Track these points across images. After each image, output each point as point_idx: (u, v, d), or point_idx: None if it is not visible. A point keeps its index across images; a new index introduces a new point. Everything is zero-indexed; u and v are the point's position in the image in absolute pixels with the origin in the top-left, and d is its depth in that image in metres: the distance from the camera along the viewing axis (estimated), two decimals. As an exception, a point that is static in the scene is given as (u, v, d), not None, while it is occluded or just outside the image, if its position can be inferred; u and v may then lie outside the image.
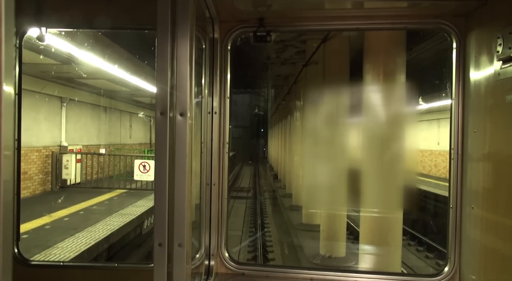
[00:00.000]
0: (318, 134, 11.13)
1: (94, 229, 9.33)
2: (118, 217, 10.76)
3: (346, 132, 10.22)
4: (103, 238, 8.67)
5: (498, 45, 2.16)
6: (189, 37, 1.80)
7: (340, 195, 9.76)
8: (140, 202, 13.03)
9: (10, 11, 0.81)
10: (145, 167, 11.56)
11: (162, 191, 1.79)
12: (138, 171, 11.61)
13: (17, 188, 3.06)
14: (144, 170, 11.56)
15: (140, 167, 11.59)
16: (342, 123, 10.33)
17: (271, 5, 2.75)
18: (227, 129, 2.97)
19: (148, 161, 11.80)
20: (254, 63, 16.81)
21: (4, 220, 0.81)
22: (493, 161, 2.32)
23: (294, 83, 17.57)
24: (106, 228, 9.41)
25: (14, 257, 2.92)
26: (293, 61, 15.54)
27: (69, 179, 15.00)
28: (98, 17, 2.89)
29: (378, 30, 6.34)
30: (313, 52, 11.85)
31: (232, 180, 27.25)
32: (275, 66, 17.65)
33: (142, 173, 11.59)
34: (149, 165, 11.65)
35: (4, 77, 0.81)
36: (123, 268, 3.18)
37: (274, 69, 18.44)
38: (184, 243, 1.78)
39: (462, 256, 2.64)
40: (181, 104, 1.80)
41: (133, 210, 11.82)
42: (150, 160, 12.36)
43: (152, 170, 11.33)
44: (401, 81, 7.11)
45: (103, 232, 9.09)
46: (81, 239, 8.46)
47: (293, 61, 15.59)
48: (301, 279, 2.83)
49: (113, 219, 10.45)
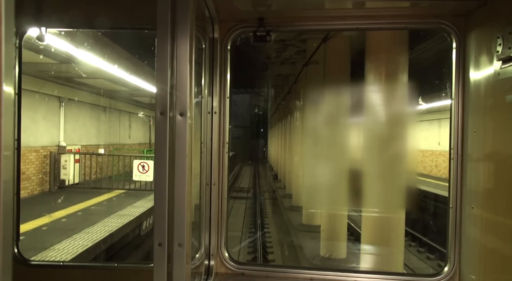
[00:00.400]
0: (319, 134, 11.00)
1: (91, 230, 9.26)
2: (116, 218, 10.70)
3: (347, 132, 10.14)
4: (101, 239, 8.58)
5: (498, 45, 2.16)
6: (189, 37, 1.80)
7: (341, 195, 9.69)
8: (139, 203, 12.91)
9: (10, 11, 0.81)
10: (144, 167, 11.40)
11: (162, 191, 1.79)
12: (137, 172, 11.45)
13: (17, 188, 3.06)
14: (143, 171, 11.40)
15: (139, 167, 11.44)
16: (343, 123, 10.22)
17: (271, 5, 2.75)
18: (227, 129, 2.97)
19: (147, 162, 11.68)
20: (254, 63, 16.77)
21: (4, 220, 0.81)
22: (493, 161, 2.32)
23: (294, 83, 17.52)
24: (104, 230, 9.35)
25: (14, 257, 2.92)
26: (293, 60, 15.48)
27: (67, 180, 14.87)
28: (98, 17, 2.89)
29: (378, 30, 6.34)
30: (313, 52, 11.83)
31: (231, 180, 27.05)
32: (275, 66, 17.58)
33: (141, 174, 11.44)
34: (148, 165, 11.50)
35: (4, 77, 0.81)
36: (123, 268, 3.18)
37: (274, 68, 18.37)
38: (184, 243, 1.78)
39: (462, 256, 2.64)
40: (181, 104, 1.80)
41: (132, 211, 11.74)
42: (149, 160, 12.17)
43: (151, 170, 11.30)
44: (403, 81, 7.09)
45: (101, 233, 9.01)
46: (78, 240, 8.37)
47: (293, 60, 15.52)
48: (301, 279, 2.83)
49: (111, 220, 10.38)
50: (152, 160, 11.98)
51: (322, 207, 11.59)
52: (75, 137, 16.57)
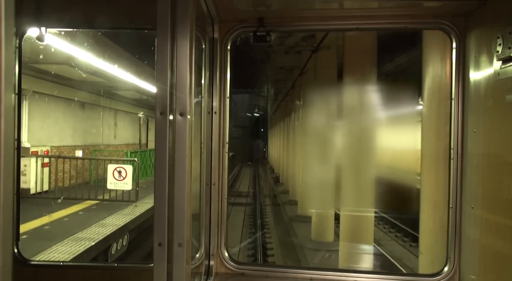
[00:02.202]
0: (327, 134, 9.64)
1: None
2: (69, 244, 8.19)
3: (361, 132, 8.49)
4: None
5: (498, 45, 2.16)
6: (189, 37, 1.80)
7: (363, 203, 7.92)
8: (110, 219, 10.29)
9: (10, 11, 0.81)
10: (121, 173, 9.65)
11: (162, 191, 1.79)
12: (112, 178, 9.66)
13: (17, 188, 3.06)
14: (119, 177, 9.65)
15: (114, 173, 9.62)
16: (356, 122, 8.68)
17: (271, 5, 2.76)
18: (227, 129, 2.97)
19: (124, 166, 9.69)
20: (254, 62, 16.61)
21: (4, 220, 0.81)
22: (493, 161, 2.32)
23: (300, 75, 16.06)
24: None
25: (14, 257, 2.92)
26: (300, 49, 14.83)
27: (30, 188, 12.38)
28: (98, 17, 2.89)
29: (378, 30, 6.35)
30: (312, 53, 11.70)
31: (230, 181, 25.32)
32: (278, 56, 16.73)
33: (117, 181, 9.65)
34: (126, 171, 9.59)
35: (4, 77, 0.81)
36: (123, 268, 3.18)
37: (277, 59, 17.58)
38: (184, 243, 1.78)
39: (462, 256, 2.64)
40: (181, 104, 1.80)
41: (97, 231, 9.20)
42: (127, 165, 10.08)
43: (129, 177, 9.52)
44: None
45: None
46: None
47: (299, 49, 14.84)
48: (300, 279, 2.83)
49: (61, 249, 7.94)
50: (131, 164, 10.50)
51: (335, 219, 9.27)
52: (44, 136, 14.51)
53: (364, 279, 2.80)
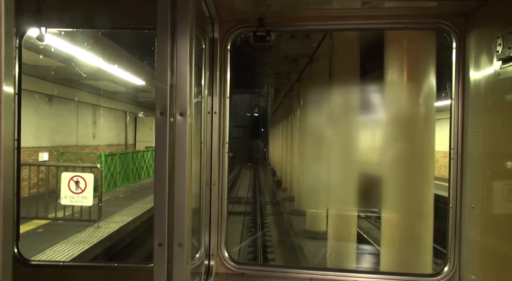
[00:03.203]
0: (342, 134, 7.88)
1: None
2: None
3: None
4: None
5: (498, 45, 2.16)
6: (189, 37, 1.80)
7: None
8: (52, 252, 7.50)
9: (10, 11, 0.81)
10: (79, 184, 7.38)
11: (162, 191, 1.79)
12: (67, 191, 7.32)
13: (17, 188, 3.06)
14: (77, 189, 7.39)
15: (70, 184, 7.37)
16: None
17: (271, 5, 2.76)
18: (227, 129, 2.97)
19: (83, 175, 7.50)
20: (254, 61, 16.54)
21: (4, 220, 0.81)
22: (493, 161, 2.32)
23: (307, 63, 13.75)
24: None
25: (14, 257, 2.92)
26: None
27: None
28: (98, 17, 2.89)
29: (378, 30, 6.33)
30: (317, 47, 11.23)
31: (230, 181, 23.37)
32: (280, 50, 16.28)
33: (73, 194, 7.39)
34: (85, 181, 7.40)
35: (4, 77, 0.81)
36: (123, 268, 3.18)
37: (279, 53, 17.16)
38: (184, 243, 1.78)
39: (462, 256, 2.64)
40: (181, 104, 1.80)
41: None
42: (87, 173, 7.78)
43: (88, 189, 7.39)
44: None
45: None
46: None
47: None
48: (301, 279, 2.83)
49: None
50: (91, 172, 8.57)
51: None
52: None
53: (364, 279, 2.80)
